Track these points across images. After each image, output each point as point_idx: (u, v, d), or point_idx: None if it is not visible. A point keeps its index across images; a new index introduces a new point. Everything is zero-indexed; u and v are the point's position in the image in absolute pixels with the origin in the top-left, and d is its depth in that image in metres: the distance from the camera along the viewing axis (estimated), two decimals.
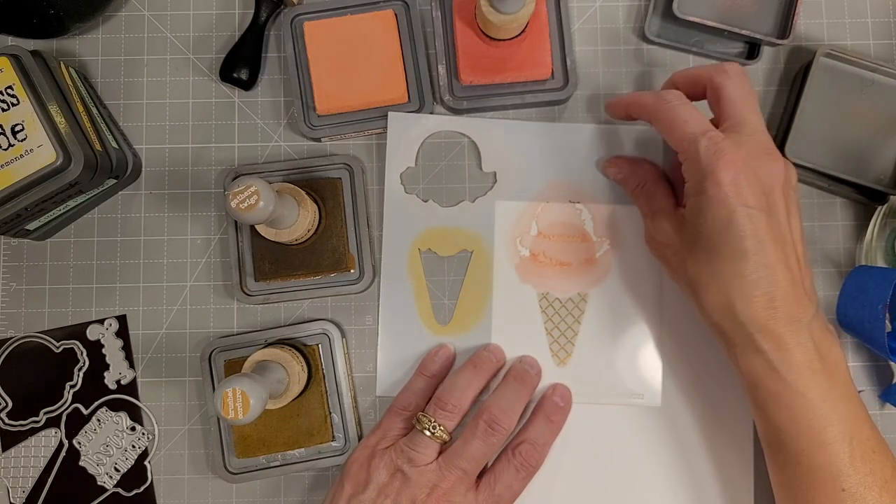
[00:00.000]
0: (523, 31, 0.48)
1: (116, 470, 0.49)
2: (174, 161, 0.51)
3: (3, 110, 0.43)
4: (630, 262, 0.49)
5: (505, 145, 0.50)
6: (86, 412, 0.49)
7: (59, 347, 0.50)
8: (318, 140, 0.50)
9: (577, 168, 0.50)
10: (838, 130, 0.49)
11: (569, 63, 0.49)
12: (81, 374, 0.50)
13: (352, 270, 0.49)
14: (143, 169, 0.51)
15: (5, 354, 0.50)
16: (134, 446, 0.49)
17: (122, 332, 0.50)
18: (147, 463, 0.49)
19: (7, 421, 0.49)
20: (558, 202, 0.50)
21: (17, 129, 0.43)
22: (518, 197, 0.50)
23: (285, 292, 0.49)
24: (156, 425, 0.50)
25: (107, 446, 0.49)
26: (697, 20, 0.49)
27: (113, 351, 0.50)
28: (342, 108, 0.49)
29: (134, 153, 0.51)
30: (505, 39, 0.48)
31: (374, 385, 0.49)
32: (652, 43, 0.51)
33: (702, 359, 0.49)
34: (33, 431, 0.49)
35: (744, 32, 0.49)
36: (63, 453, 0.49)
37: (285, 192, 0.46)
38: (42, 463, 0.49)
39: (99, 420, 0.49)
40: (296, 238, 0.47)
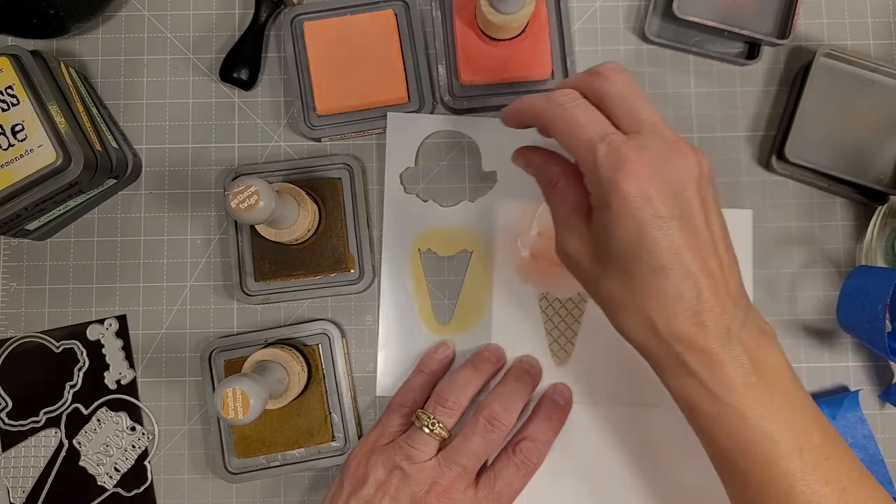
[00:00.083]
0: (523, 31, 0.48)
1: (116, 470, 0.49)
2: (174, 161, 0.51)
3: (3, 110, 0.43)
4: None
5: (505, 145, 0.50)
6: (86, 412, 0.49)
7: (59, 347, 0.50)
8: (318, 140, 0.50)
9: None
10: (838, 130, 0.49)
11: (569, 63, 0.49)
12: (81, 374, 0.50)
13: (352, 270, 0.49)
14: (143, 169, 0.51)
15: (5, 354, 0.50)
16: (134, 446, 0.49)
17: (122, 332, 0.50)
18: (147, 463, 0.49)
19: (7, 421, 0.49)
20: None
21: (17, 129, 0.43)
22: (518, 197, 0.50)
23: (285, 292, 0.49)
24: (156, 425, 0.50)
25: (107, 446, 0.49)
26: (697, 20, 0.49)
27: (113, 351, 0.50)
28: (342, 108, 0.49)
29: (134, 153, 0.51)
30: (505, 39, 0.48)
31: (374, 385, 0.49)
32: (652, 43, 0.51)
33: None
34: (33, 431, 0.49)
35: (744, 32, 0.49)
36: (63, 453, 0.49)
37: (285, 192, 0.46)
38: (42, 463, 0.49)
39: (99, 420, 0.49)
40: (296, 238, 0.47)
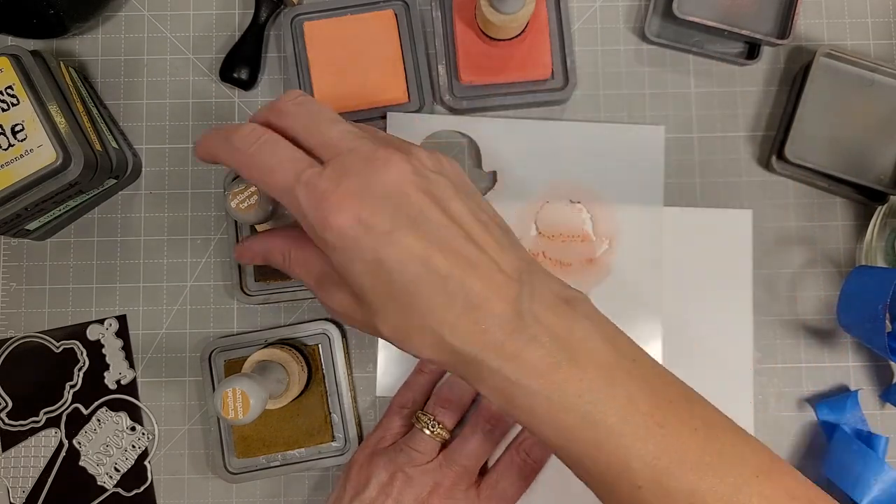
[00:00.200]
0: (523, 31, 0.48)
1: (116, 470, 0.49)
2: (174, 161, 0.51)
3: (3, 110, 0.43)
4: (630, 262, 0.49)
5: (505, 145, 0.50)
6: (86, 412, 0.49)
7: (59, 347, 0.50)
8: None
9: (577, 168, 0.50)
10: (838, 130, 0.49)
11: (569, 63, 0.49)
12: (81, 374, 0.50)
13: None
14: (143, 169, 0.51)
15: (5, 354, 0.50)
16: (134, 446, 0.49)
17: (122, 332, 0.50)
18: (147, 463, 0.49)
19: (7, 421, 0.49)
20: (558, 202, 0.50)
21: (17, 129, 0.43)
22: (518, 197, 0.50)
23: (285, 292, 0.49)
24: (156, 425, 0.49)
25: (107, 446, 0.49)
26: (697, 20, 0.49)
27: (113, 351, 0.50)
28: (342, 109, 0.49)
29: (134, 153, 0.51)
30: (505, 39, 0.48)
31: (374, 385, 0.49)
32: (652, 43, 0.51)
33: (702, 358, 0.49)
34: (33, 431, 0.49)
35: (744, 32, 0.49)
36: (63, 453, 0.49)
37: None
38: (42, 463, 0.49)
39: (99, 420, 0.49)
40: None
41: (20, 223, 0.46)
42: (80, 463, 0.49)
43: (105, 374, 0.50)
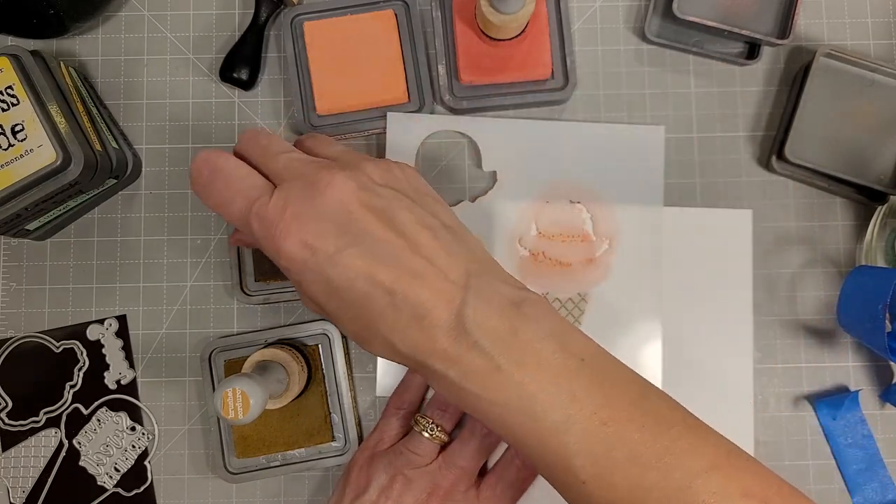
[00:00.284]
0: (523, 31, 0.48)
1: (116, 470, 0.49)
2: (174, 161, 0.51)
3: (3, 110, 0.43)
4: (630, 262, 0.49)
5: (505, 145, 0.50)
6: (86, 412, 0.49)
7: (59, 347, 0.50)
8: None
9: (577, 168, 0.50)
10: (838, 130, 0.49)
11: (569, 63, 0.49)
12: (81, 374, 0.50)
13: None
14: (143, 169, 0.51)
15: (5, 354, 0.50)
16: (134, 446, 0.49)
17: (122, 332, 0.50)
18: (147, 463, 0.49)
19: (7, 421, 0.49)
20: (558, 202, 0.50)
21: (17, 129, 0.43)
22: (518, 197, 0.50)
23: (285, 292, 0.49)
24: (156, 425, 0.49)
25: (107, 446, 0.49)
26: (697, 20, 0.49)
27: (113, 351, 0.50)
28: (342, 108, 0.49)
29: (134, 153, 0.51)
30: (505, 39, 0.48)
31: (374, 385, 0.49)
32: (652, 43, 0.51)
33: (702, 359, 0.49)
34: (33, 431, 0.49)
35: (744, 32, 0.49)
36: (63, 453, 0.49)
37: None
38: (42, 463, 0.49)
39: (99, 420, 0.49)
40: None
41: (20, 223, 0.46)
42: (80, 463, 0.49)
43: (105, 374, 0.50)
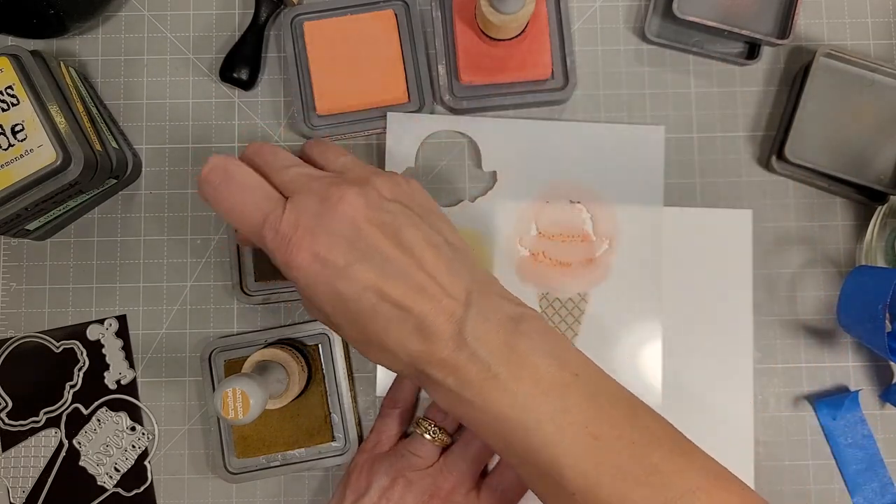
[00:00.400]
0: (523, 31, 0.48)
1: (116, 470, 0.49)
2: (174, 161, 0.51)
3: (3, 110, 0.43)
4: (630, 262, 0.49)
5: (505, 145, 0.50)
6: (86, 412, 0.49)
7: (59, 347, 0.50)
8: None
9: (577, 168, 0.50)
10: (838, 130, 0.49)
11: (569, 63, 0.49)
12: (81, 374, 0.50)
13: None
14: (143, 169, 0.51)
15: (5, 354, 0.50)
16: (134, 446, 0.49)
17: (122, 332, 0.50)
18: (147, 463, 0.49)
19: (7, 421, 0.49)
20: (558, 202, 0.50)
21: (17, 129, 0.43)
22: (518, 197, 0.50)
23: (285, 292, 0.49)
24: (156, 425, 0.49)
25: (107, 446, 0.49)
26: (697, 20, 0.49)
27: (113, 351, 0.50)
28: (342, 108, 0.49)
29: (134, 153, 0.51)
30: (505, 39, 0.48)
31: (374, 385, 0.49)
32: (652, 43, 0.51)
33: (702, 359, 0.49)
34: (33, 431, 0.49)
35: (744, 32, 0.49)
36: (63, 453, 0.49)
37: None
38: (42, 463, 0.49)
39: (99, 420, 0.49)
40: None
41: (20, 223, 0.46)
42: (80, 463, 0.49)
43: (105, 374, 0.50)
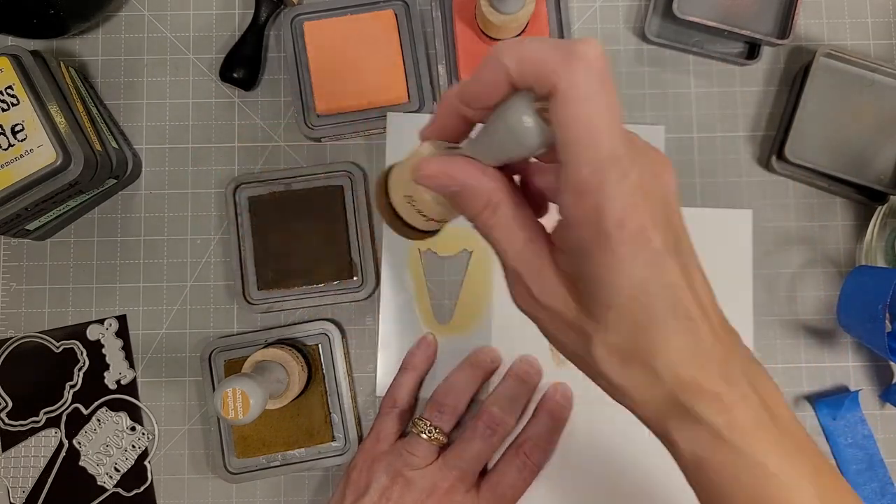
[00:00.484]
0: (523, 31, 0.48)
1: (116, 470, 0.49)
2: (174, 161, 0.51)
3: (3, 110, 0.43)
4: None
5: None
6: (86, 412, 0.49)
7: (59, 347, 0.50)
8: (318, 140, 0.50)
9: None
10: (838, 130, 0.49)
11: None
12: (81, 374, 0.50)
13: (354, 278, 0.49)
14: (143, 169, 0.51)
15: (5, 354, 0.50)
16: (134, 446, 0.49)
17: (122, 332, 0.50)
18: (147, 463, 0.49)
19: (7, 421, 0.49)
20: None
21: (17, 129, 0.43)
22: None
23: (287, 300, 0.49)
24: (156, 425, 0.49)
25: (107, 446, 0.49)
26: (697, 20, 0.49)
27: (113, 351, 0.50)
28: (342, 108, 0.49)
29: (134, 153, 0.51)
30: (505, 39, 0.48)
31: (374, 385, 0.49)
32: (652, 43, 0.51)
33: None
34: (33, 431, 0.49)
35: (744, 32, 0.49)
36: (63, 453, 0.49)
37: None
38: (42, 463, 0.49)
39: (99, 420, 0.49)
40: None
41: (20, 223, 0.46)
42: (80, 463, 0.49)
43: (105, 374, 0.50)
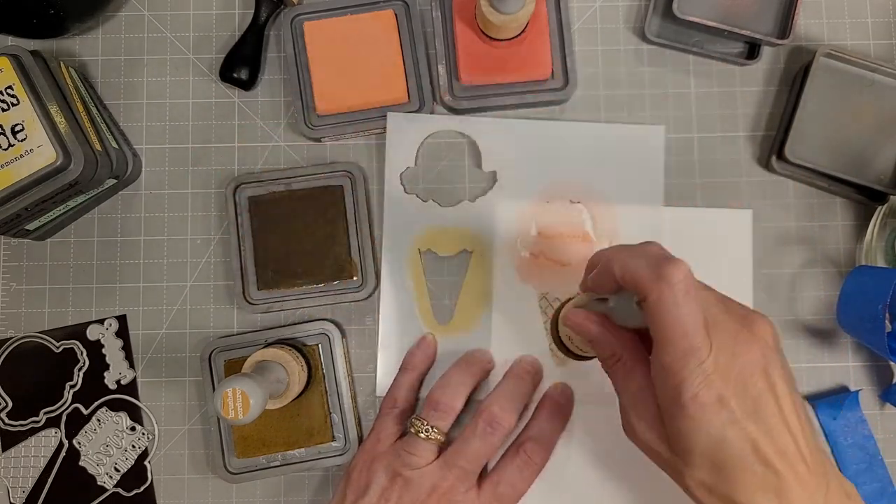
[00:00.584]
0: (523, 31, 0.48)
1: (116, 470, 0.49)
2: (174, 161, 0.51)
3: (3, 110, 0.43)
4: None
5: (505, 145, 0.50)
6: (86, 412, 0.49)
7: (59, 347, 0.50)
8: (319, 140, 0.50)
9: (577, 168, 0.50)
10: (838, 130, 0.49)
11: (569, 63, 0.49)
12: (81, 374, 0.50)
13: (354, 278, 0.49)
14: (143, 169, 0.51)
15: (5, 354, 0.50)
16: (134, 446, 0.49)
17: (122, 332, 0.50)
18: (147, 463, 0.49)
19: (7, 421, 0.49)
20: (558, 202, 0.50)
21: (17, 129, 0.43)
22: (518, 197, 0.50)
23: (287, 300, 0.49)
24: (156, 425, 0.49)
25: (107, 446, 0.49)
26: (697, 20, 0.49)
27: (113, 351, 0.50)
28: (342, 108, 0.49)
29: (134, 153, 0.51)
30: (505, 39, 0.48)
31: (374, 385, 0.49)
32: (652, 43, 0.51)
33: None
34: (33, 431, 0.49)
35: (744, 32, 0.49)
36: (63, 453, 0.49)
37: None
38: (42, 463, 0.49)
39: (99, 420, 0.49)
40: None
41: (20, 223, 0.46)
42: (80, 463, 0.49)
43: (105, 374, 0.50)
